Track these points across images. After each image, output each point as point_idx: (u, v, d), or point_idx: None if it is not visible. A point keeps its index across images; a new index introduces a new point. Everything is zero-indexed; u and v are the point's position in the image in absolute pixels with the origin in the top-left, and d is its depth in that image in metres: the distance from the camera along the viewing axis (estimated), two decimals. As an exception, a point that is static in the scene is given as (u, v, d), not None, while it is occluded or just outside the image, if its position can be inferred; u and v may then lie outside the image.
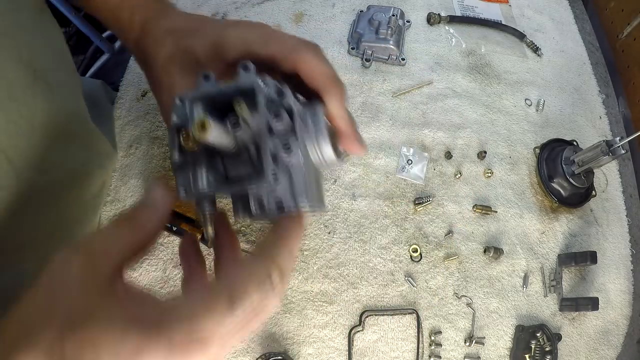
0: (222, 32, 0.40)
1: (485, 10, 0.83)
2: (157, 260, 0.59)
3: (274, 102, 0.35)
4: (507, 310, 0.59)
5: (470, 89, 0.74)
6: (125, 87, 0.71)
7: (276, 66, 0.38)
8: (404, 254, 0.61)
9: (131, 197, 0.63)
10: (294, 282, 0.58)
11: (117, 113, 0.69)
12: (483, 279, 0.61)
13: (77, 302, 0.27)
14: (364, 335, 0.56)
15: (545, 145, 0.69)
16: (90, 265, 0.28)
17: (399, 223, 0.62)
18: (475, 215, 0.64)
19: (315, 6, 0.79)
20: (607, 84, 0.81)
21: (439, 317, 0.58)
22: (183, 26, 0.43)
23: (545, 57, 0.80)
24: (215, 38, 0.40)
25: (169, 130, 0.36)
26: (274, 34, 0.39)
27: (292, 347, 0.55)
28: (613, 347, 0.60)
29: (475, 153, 0.68)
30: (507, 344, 0.58)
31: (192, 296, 0.29)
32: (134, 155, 0.65)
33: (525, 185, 0.67)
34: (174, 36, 0.42)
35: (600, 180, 0.70)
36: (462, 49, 0.78)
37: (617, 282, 0.64)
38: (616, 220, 0.68)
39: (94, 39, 1.31)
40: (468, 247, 0.62)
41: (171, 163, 0.36)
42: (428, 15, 0.80)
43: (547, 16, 0.85)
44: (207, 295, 0.28)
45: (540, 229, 0.65)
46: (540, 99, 0.74)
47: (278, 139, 0.35)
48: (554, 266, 0.62)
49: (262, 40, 0.39)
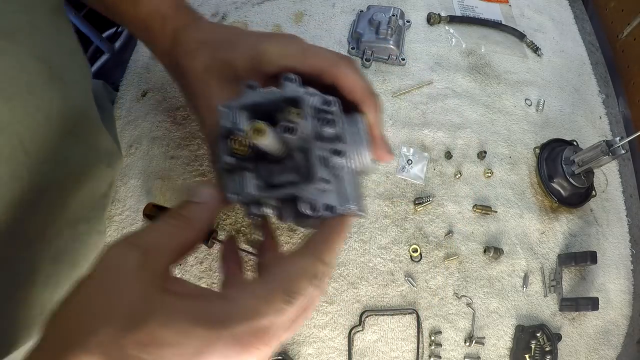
0: (260, 45, 0.41)
1: (485, 10, 0.83)
2: (157, 260, 0.59)
3: (322, 110, 0.38)
4: (507, 310, 0.59)
5: (470, 89, 0.74)
6: (125, 87, 0.71)
7: (314, 79, 0.40)
8: (404, 254, 0.61)
9: (131, 197, 0.63)
10: (294, 282, 0.58)
11: (117, 113, 0.69)
12: (483, 279, 0.61)
13: (137, 300, 0.26)
14: (364, 335, 0.56)
15: (545, 145, 0.69)
16: (147, 261, 0.28)
17: (399, 223, 0.62)
18: (475, 215, 0.64)
19: (315, 6, 0.79)
20: (607, 84, 0.81)
21: (439, 317, 0.58)
22: (216, 38, 0.44)
23: (545, 57, 0.80)
24: (254, 52, 0.41)
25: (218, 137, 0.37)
26: (312, 49, 0.41)
27: (292, 347, 0.55)
28: (613, 347, 0.60)
29: (475, 153, 0.68)
30: (507, 344, 0.58)
31: (247, 291, 0.30)
32: (134, 155, 0.65)
33: (525, 185, 0.67)
34: (209, 48, 0.43)
35: (600, 180, 0.70)
36: (462, 49, 0.78)
37: (617, 282, 0.64)
38: (616, 220, 0.68)
39: (94, 39, 1.31)
40: (468, 247, 0.62)
41: (218, 167, 0.37)
42: (428, 15, 0.80)
43: (547, 16, 0.85)
44: (264, 291, 0.30)
45: (540, 229, 0.65)
46: (540, 99, 0.74)
47: (327, 145, 0.37)
48: (554, 266, 0.62)
49: (301, 55, 0.41)
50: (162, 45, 0.46)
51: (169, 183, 0.63)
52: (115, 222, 0.61)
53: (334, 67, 0.40)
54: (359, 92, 0.40)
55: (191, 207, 0.34)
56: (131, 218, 0.61)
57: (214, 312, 0.28)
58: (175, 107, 0.69)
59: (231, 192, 0.36)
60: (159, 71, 0.72)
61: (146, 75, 0.71)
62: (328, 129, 0.36)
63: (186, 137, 0.66)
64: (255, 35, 0.45)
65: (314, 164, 0.36)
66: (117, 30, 1.36)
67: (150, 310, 0.26)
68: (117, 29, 1.36)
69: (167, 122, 0.68)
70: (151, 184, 0.63)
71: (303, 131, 0.36)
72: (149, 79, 0.71)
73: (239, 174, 0.37)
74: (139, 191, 0.63)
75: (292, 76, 0.39)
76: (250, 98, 0.38)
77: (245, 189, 0.36)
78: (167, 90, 0.70)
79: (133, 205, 0.62)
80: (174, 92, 0.70)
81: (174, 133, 0.67)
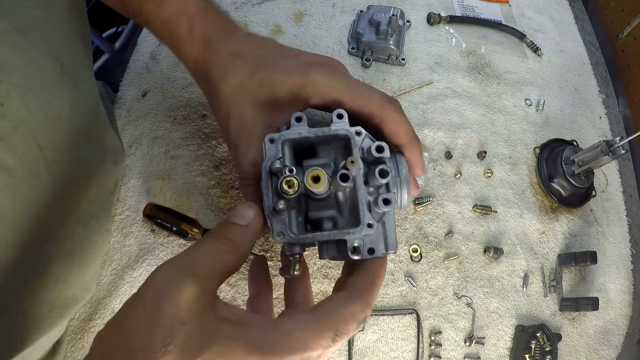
0: (307, 75, 0.40)
1: (485, 10, 0.83)
2: (158, 261, 0.59)
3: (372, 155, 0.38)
4: (507, 310, 0.59)
5: (470, 89, 0.74)
6: (125, 87, 0.71)
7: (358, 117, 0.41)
8: (404, 254, 0.61)
9: (131, 197, 0.63)
10: (294, 282, 0.58)
11: (117, 113, 0.69)
12: (483, 279, 0.61)
13: (195, 330, 0.27)
14: (364, 335, 0.56)
15: (545, 145, 0.69)
16: (203, 290, 0.29)
17: (399, 223, 0.62)
18: (475, 215, 0.64)
19: (315, 6, 0.79)
20: (607, 84, 0.81)
21: (439, 317, 0.58)
22: (256, 54, 0.42)
23: (545, 57, 0.80)
24: (301, 80, 0.40)
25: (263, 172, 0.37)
26: (360, 87, 0.41)
27: (292, 347, 0.55)
28: (613, 347, 0.60)
29: (475, 153, 0.68)
30: (507, 344, 0.58)
31: (301, 325, 0.31)
32: (134, 155, 0.65)
33: (525, 185, 0.67)
34: (246, 64, 0.41)
35: (600, 180, 0.70)
36: (462, 49, 0.78)
37: (617, 282, 0.64)
38: (616, 220, 0.68)
39: (94, 39, 1.30)
40: (468, 247, 0.62)
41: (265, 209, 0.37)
42: (428, 15, 0.80)
43: (547, 16, 0.85)
44: (316, 327, 0.32)
45: (540, 229, 0.65)
46: (540, 99, 0.74)
47: (372, 190, 0.38)
48: (554, 266, 0.63)
49: (350, 93, 0.40)
50: (190, 53, 0.43)
51: (169, 183, 0.63)
52: (115, 222, 0.61)
53: (382, 110, 0.40)
54: (404, 136, 0.40)
55: (237, 231, 0.34)
56: (131, 218, 0.61)
57: (268, 341, 0.29)
58: (176, 107, 0.69)
59: (277, 233, 0.37)
60: (159, 71, 0.72)
61: (146, 75, 0.71)
62: (381, 180, 0.36)
63: (186, 137, 0.66)
64: (300, 57, 0.43)
65: (361, 209, 0.36)
66: (117, 30, 1.35)
67: (209, 340, 0.27)
68: (117, 29, 1.36)
69: (167, 122, 0.68)
70: (151, 184, 0.63)
71: (354, 174, 0.36)
72: (149, 79, 0.71)
73: (284, 214, 0.37)
74: (139, 191, 0.63)
75: (343, 113, 0.39)
76: (297, 132, 0.38)
77: (290, 230, 0.37)
78: (167, 90, 0.70)
79: (133, 205, 0.62)
80: (174, 92, 0.70)
81: (174, 133, 0.67)
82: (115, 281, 0.58)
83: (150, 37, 0.74)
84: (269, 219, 0.37)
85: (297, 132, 0.38)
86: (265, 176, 0.37)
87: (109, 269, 0.58)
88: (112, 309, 0.56)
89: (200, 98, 0.69)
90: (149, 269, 0.58)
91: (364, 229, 0.36)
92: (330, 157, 0.40)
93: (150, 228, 0.60)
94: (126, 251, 0.59)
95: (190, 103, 0.69)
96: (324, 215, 0.39)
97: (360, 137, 0.38)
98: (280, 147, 0.38)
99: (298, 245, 0.38)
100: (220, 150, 0.65)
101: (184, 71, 0.72)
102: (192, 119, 0.68)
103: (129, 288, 0.57)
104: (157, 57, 0.73)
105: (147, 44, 0.74)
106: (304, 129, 0.38)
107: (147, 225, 0.61)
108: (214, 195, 0.63)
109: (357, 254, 0.37)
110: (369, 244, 0.37)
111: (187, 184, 0.63)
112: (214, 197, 0.62)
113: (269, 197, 0.37)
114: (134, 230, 0.60)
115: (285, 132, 0.38)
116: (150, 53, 0.73)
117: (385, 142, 0.38)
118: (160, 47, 0.74)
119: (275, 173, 0.37)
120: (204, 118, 0.68)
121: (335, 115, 0.39)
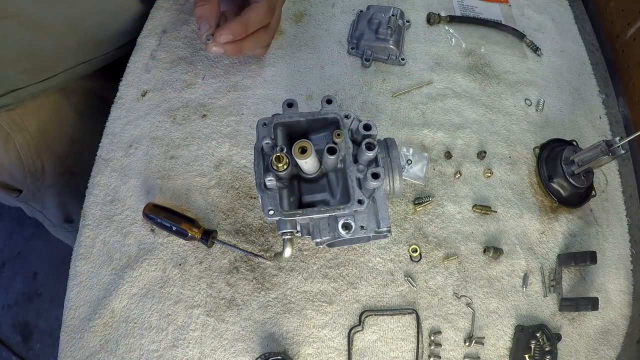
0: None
1: (485, 10, 0.83)
2: (157, 260, 0.59)
3: (360, 134, 0.39)
4: (506, 310, 0.59)
5: (470, 89, 0.74)
6: (125, 87, 0.71)
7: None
8: (404, 254, 0.61)
9: (131, 197, 0.63)
10: (294, 282, 0.58)
11: (117, 113, 0.69)
12: (483, 279, 0.60)
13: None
14: (364, 335, 0.56)
15: (545, 145, 0.69)
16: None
17: (399, 223, 0.62)
18: (475, 215, 0.64)
19: (315, 6, 0.79)
20: (607, 84, 0.81)
21: (438, 317, 0.58)
22: None
23: (545, 57, 0.80)
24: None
25: (255, 152, 0.40)
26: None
27: (292, 347, 0.55)
28: (613, 347, 0.60)
29: (475, 153, 0.68)
30: (506, 344, 0.58)
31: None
32: (134, 155, 0.65)
33: (525, 185, 0.67)
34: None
35: (600, 180, 0.70)
36: (462, 49, 0.78)
37: (617, 282, 0.64)
38: (616, 220, 0.68)
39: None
40: (468, 247, 0.62)
41: (256, 184, 0.39)
42: (428, 15, 0.80)
43: (547, 16, 0.85)
44: None
45: (540, 229, 0.65)
46: (540, 99, 0.74)
47: (362, 167, 0.39)
48: (553, 266, 0.62)
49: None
50: None
51: (169, 183, 0.63)
52: (115, 221, 0.61)
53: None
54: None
55: None
56: (131, 218, 0.61)
57: None
58: (175, 107, 0.69)
59: (267, 209, 0.38)
60: (159, 71, 0.72)
61: (146, 75, 0.72)
62: (368, 153, 0.37)
63: (186, 137, 0.67)
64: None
65: (350, 186, 0.37)
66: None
67: None
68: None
69: (167, 122, 0.68)
70: (151, 184, 0.63)
71: (342, 152, 0.38)
72: (149, 79, 0.71)
73: (275, 191, 0.38)
74: (139, 191, 0.63)
75: (333, 97, 0.41)
76: (289, 116, 0.40)
77: (281, 206, 0.38)
78: (167, 90, 0.70)
79: (133, 205, 0.62)
80: (174, 92, 0.70)
81: (173, 133, 0.67)
82: (115, 281, 0.58)
83: (150, 37, 0.74)
84: (261, 196, 0.38)
85: (289, 116, 0.40)
86: (257, 155, 0.39)
87: (108, 268, 0.59)
88: (112, 309, 0.56)
89: (200, 98, 0.69)
90: (148, 269, 0.58)
91: (354, 204, 0.37)
92: (323, 144, 0.42)
93: (150, 228, 0.61)
94: (126, 251, 0.59)
95: (190, 103, 0.69)
96: (316, 198, 0.40)
97: (348, 120, 0.40)
98: (273, 130, 0.40)
99: (289, 222, 0.38)
100: (220, 150, 0.65)
101: (184, 71, 0.72)
102: (192, 119, 0.68)
103: (128, 288, 0.57)
104: (157, 57, 0.73)
105: (147, 44, 0.74)
106: (295, 113, 0.41)
107: (146, 225, 0.61)
108: (213, 195, 0.63)
109: (348, 230, 0.37)
110: (360, 221, 0.38)
111: (186, 183, 0.63)
112: (213, 197, 0.62)
113: (260, 174, 0.38)
114: (133, 230, 0.60)
115: (277, 115, 0.40)
116: (150, 53, 0.73)
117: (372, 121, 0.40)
118: (160, 47, 0.74)
119: (267, 152, 0.39)
120: (203, 118, 0.68)
121: (324, 100, 0.41)
